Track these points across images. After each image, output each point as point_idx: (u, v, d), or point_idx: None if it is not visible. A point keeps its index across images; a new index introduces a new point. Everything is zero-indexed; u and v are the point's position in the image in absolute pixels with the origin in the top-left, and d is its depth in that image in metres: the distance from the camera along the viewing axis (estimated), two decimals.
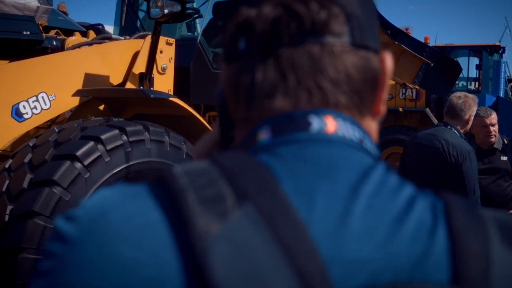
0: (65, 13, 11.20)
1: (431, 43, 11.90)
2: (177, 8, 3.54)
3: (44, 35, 3.87)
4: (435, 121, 8.82)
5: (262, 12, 0.56)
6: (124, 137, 3.06)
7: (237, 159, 0.50)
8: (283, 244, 0.44)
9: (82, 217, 0.48)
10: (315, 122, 0.54)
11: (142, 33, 4.19)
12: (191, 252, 0.43)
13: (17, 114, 3.27)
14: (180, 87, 4.26)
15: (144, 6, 5.58)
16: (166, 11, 3.52)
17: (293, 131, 0.54)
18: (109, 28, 5.43)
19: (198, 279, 0.42)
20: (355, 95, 0.56)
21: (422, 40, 9.83)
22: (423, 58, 7.85)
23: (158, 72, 4.03)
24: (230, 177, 0.48)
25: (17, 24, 3.69)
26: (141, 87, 3.89)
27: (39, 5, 10.73)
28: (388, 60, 0.60)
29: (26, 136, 3.53)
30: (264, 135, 0.55)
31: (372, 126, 0.60)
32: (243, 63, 0.58)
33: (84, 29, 5.02)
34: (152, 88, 3.89)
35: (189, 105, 3.83)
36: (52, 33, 4.36)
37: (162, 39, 3.96)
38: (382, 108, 0.60)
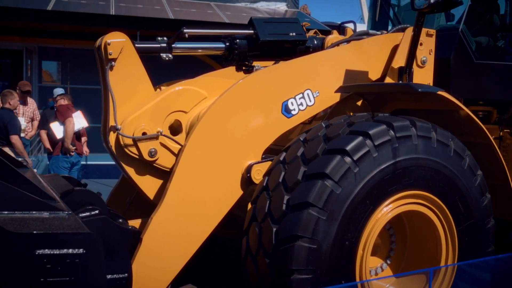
0: (308, 15, 11.77)
1: None
2: None
3: (307, 35, 4.06)
4: None
5: None
6: (391, 133, 3.01)
7: None
8: None
9: None
10: None
11: (401, 26, 4.07)
12: None
13: (286, 111, 3.48)
14: (438, 81, 4.02)
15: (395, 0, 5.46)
16: (431, 0, 3.34)
17: None
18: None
19: None
20: None
21: None
22: None
23: (417, 65, 3.87)
24: None
25: (284, 26, 3.95)
26: (400, 82, 3.79)
27: (287, 9, 11.53)
28: None
29: (289, 131, 3.74)
30: None
31: None
32: None
33: (329, 28, 5.13)
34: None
35: None
36: (311, 32, 4.56)
37: (423, 31, 3.78)
38: None
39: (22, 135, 8.25)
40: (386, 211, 3.03)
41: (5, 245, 2.02)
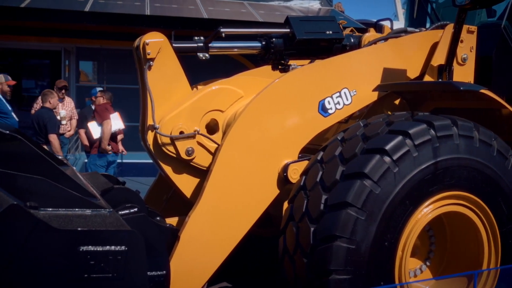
0: (342, 12, 11.65)
1: None
2: None
3: (343, 33, 4.01)
4: None
5: None
6: (432, 132, 2.94)
7: None
8: None
9: None
10: None
11: (440, 23, 3.98)
12: None
13: (323, 110, 3.45)
14: (479, 78, 3.91)
15: None
16: None
17: None
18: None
19: None
20: None
21: None
22: None
23: (457, 63, 3.78)
24: None
25: (320, 24, 3.91)
26: (440, 80, 3.71)
27: (320, 7, 11.46)
28: None
29: (325, 131, 3.70)
30: None
31: None
32: None
33: (365, 26, 5.05)
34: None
35: None
36: (347, 31, 4.51)
37: (464, 28, 3.68)
38: None
39: (64, 122, 8.47)
40: (426, 212, 2.97)
41: (50, 241, 2.07)
